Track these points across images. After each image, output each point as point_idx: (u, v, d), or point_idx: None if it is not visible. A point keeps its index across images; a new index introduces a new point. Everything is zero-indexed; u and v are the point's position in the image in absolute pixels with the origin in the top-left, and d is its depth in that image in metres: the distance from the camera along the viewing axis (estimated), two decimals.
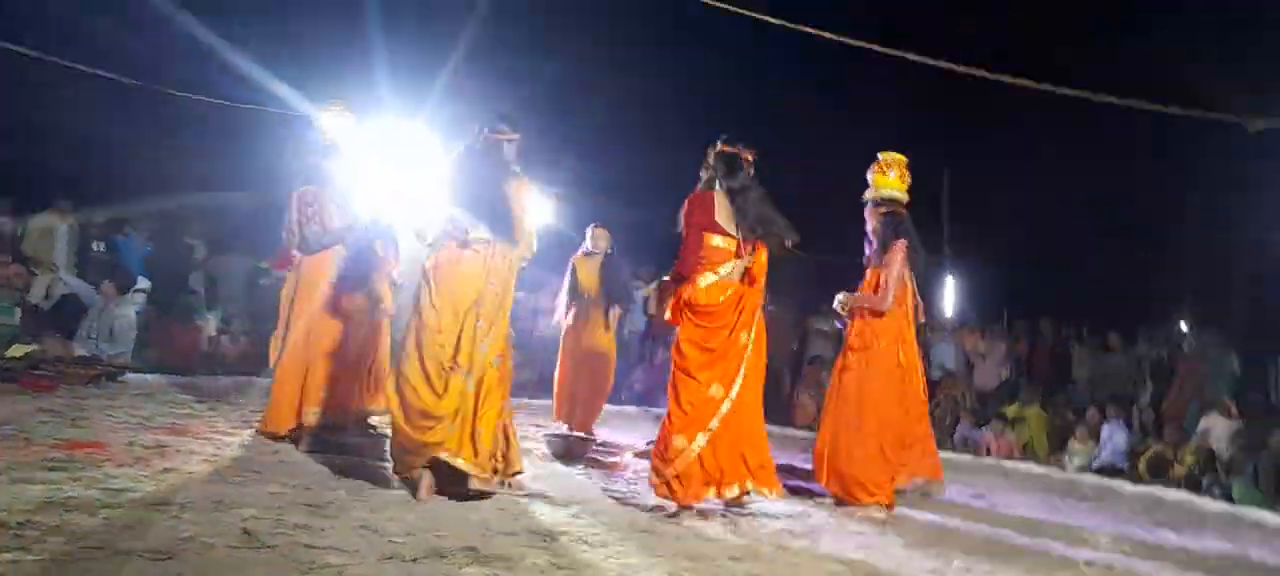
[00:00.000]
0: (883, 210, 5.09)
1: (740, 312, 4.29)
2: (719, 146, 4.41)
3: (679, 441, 4.18)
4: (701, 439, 4.18)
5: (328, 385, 5.07)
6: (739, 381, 4.26)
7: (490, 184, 4.13)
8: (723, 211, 4.32)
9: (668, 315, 4.41)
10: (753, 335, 4.33)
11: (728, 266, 4.29)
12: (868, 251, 5.18)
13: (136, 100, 8.44)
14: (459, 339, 3.99)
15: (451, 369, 3.95)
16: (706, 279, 4.27)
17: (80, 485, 3.52)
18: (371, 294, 5.38)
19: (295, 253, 5.25)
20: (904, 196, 5.15)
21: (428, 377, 3.94)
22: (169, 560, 2.70)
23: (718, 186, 4.37)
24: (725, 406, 4.21)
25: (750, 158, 4.39)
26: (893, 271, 4.93)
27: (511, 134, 4.22)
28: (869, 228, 5.19)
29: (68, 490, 3.42)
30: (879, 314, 4.95)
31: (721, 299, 4.27)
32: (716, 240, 4.32)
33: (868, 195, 5.19)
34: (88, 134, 8.98)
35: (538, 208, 4.26)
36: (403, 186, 5.59)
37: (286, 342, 5.10)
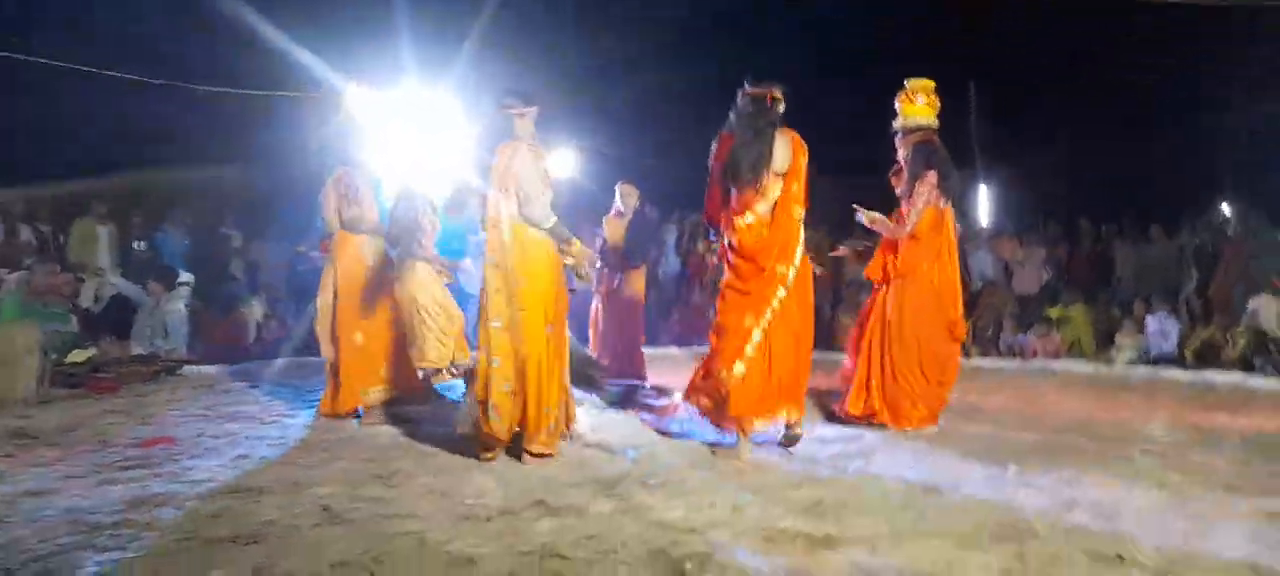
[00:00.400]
0: (913, 138, 5.04)
1: (781, 245, 4.29)
2: (746, 88, 4.35)
3: (720, 371, 4.24)
4: (739, 367, 4.21)
5: (381, 362, 5.18)
6: (771, 310, 4.26)
7: (522, 158, 4.13)
8: (732, 158, 4.29)
9: (714, 261, 4.46)
10: (795, 267, 4.32)
11: (764, 204, 4.28)
12: (898, 183, 5.15)
13: (154, 94, 8.51)
14: (488, 322, 4.05)
15: (489, 354, 4.02)
16: (745, 219, 4.28)
17: (161, 480, 3.68)
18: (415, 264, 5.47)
19: (330, 235, 5.32)
20: (934, 122, 5.08)
21: (504, 375, 4.01)
22: (257, 544, 2.83)
23: (740, 127, 4.33)
24: (757, 334, 4.23)
25: (778, 96, 4.31)
26: (919, 202, 4.92)
27: (522, 108, 4.17)
28: (899, 156, 5.14)
29: (152, 486, 3.58)
30: (898, 240, 4.96)
31: (761, 241, 4.27)
32: (741, 178, 4.28)
33: (897, 125, 5.13)
34: (109, 133, 9.07)
35: (541, 172, 4.17)
36: (429, 156, 5.63)
37: (337, 326, 5.20)
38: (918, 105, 5.04)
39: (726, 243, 4.35)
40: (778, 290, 4.27)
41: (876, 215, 5.05)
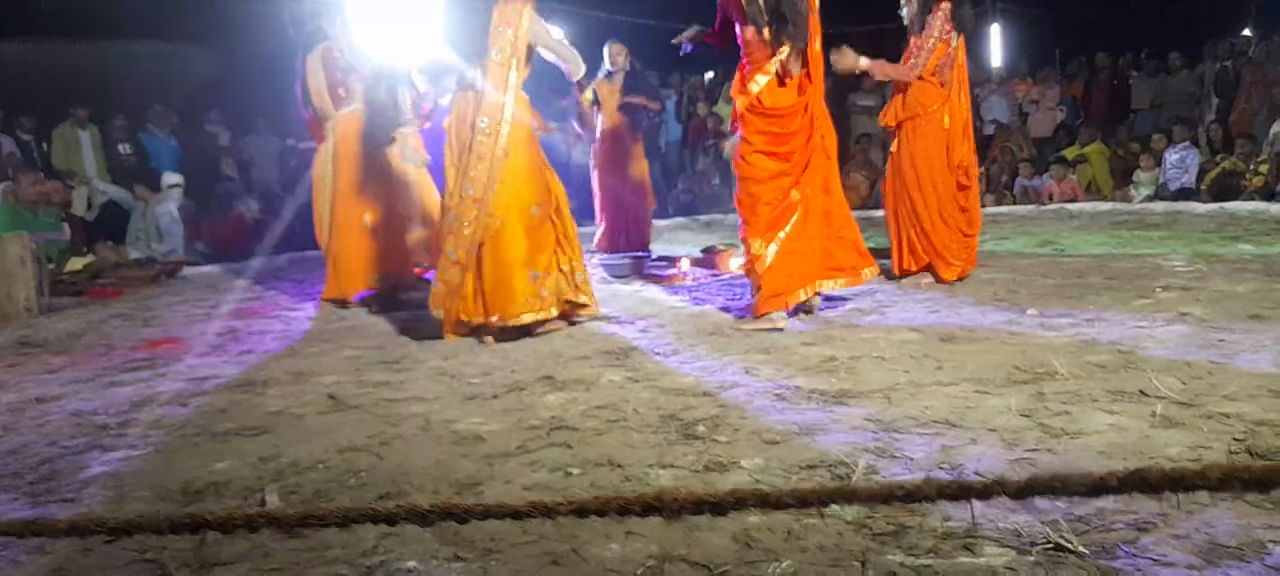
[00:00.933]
0: None
1: (810, 115, 3.96)
2: None
3: (757, 245, 3.99)
4: (773, 247, 3.97)
5: (382, 246, 5.09)
6: (811, 178, 3.99)
7: (484, 15, 3.88)
8: (753, 7, 3.88)
9: (727, 150, 4.20)
10: (821, 138, 4.02)
11: (776, 62, 3.90)
12: (907, 16, 4.83)
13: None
14: (457, 186, 3.86)
15: (458, 218, 3.85)
16: (760, 81, 3.91)
17: (167, 380, 3.64)
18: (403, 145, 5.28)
19: (326, 120, 5.11)
20: None
21: (450, 230, 3.87)
22: (265, 434, 2.79)
23: None
24: (796, 213, 3.96)
25: None
26: (930, 37, 4.64)
27: None
28: None
29: (158, 386, 3.54)
30: (908, 82, 4.71)
31: (788, 102, 3.93)
32: (753, 32, 3.93)
33: None
34: (76, 36, 8.72)
35: (544, 27, 3.94)
36: (407, 33, 5.34)
37: (334, 211, 5.08)
38: None
39: (748, 110, 3.97)
40: (811, 158, 3.97)
41: (880, 62, 4.76)
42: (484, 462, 2.41)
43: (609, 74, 6.57)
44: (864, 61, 4.64)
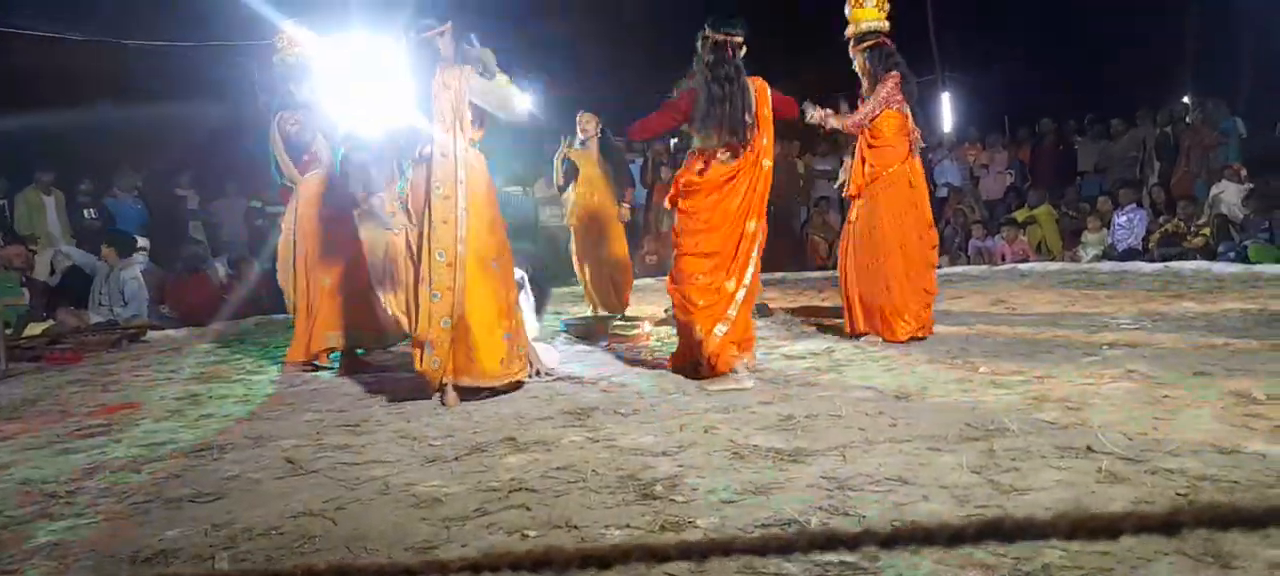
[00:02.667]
0: (867, 44, 4.93)
1: (747, 194, 4.15)
2: (706, 32, 4.13)
3: (698, 332, 4.12)
4: (721, 329, 4.12)
5: (345, 308, 5.08)
6: (750, 271, 4.18)
7: (424, 85, 3.96)
8: (696, 115, 4.13)
9: (666, 203, 4.35)
10: (760, 226, 4.21)
11: (726, 154, 4.14)
12: (861, 90, 5.05)
13: (87, 55, 8.14)
14: (421, 252, 3.92)
15: (418, 286, 3.91)
16: (706, 163, 4.16)
17: (122, 446, 3.59)
18: (374, 211, 5.34)
19: (291, 184, 5.17)
20: (885, 25, 4.96)
21: (410, 305, 3.93)
22: (219, 500, 2.76)
23: (703, 78, 4.13)
24: (741, 294, 4.15)
25: (739, 40, 4.11)
26: (879, 95, 4.84)
27: (440, 27, 4.00)
28: (856, 66, 5.03)
29: (111, 452, 3.49)
30: (865, 144, 4.89)
31: (723, 176, 4.14)
32: (710, 134, 4.15)
33: (849, 32, 5.01)
34: (46, 98, 8.68)
35: (477, 85, 4.03)
36: (378, 102, 5.43)
37: (297, 273, 5.09)
38: (867, 8, 4.91)
39: (682, 187, 4.20)
40: (752, 250, 4.17)
41: (824, 111, 4.93)
42: (441, 525, 2.41)
43: (582, 143, 6.73)
44: (824, 114, 4.88)
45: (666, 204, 4.37)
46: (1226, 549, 1.96)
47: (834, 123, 4.93)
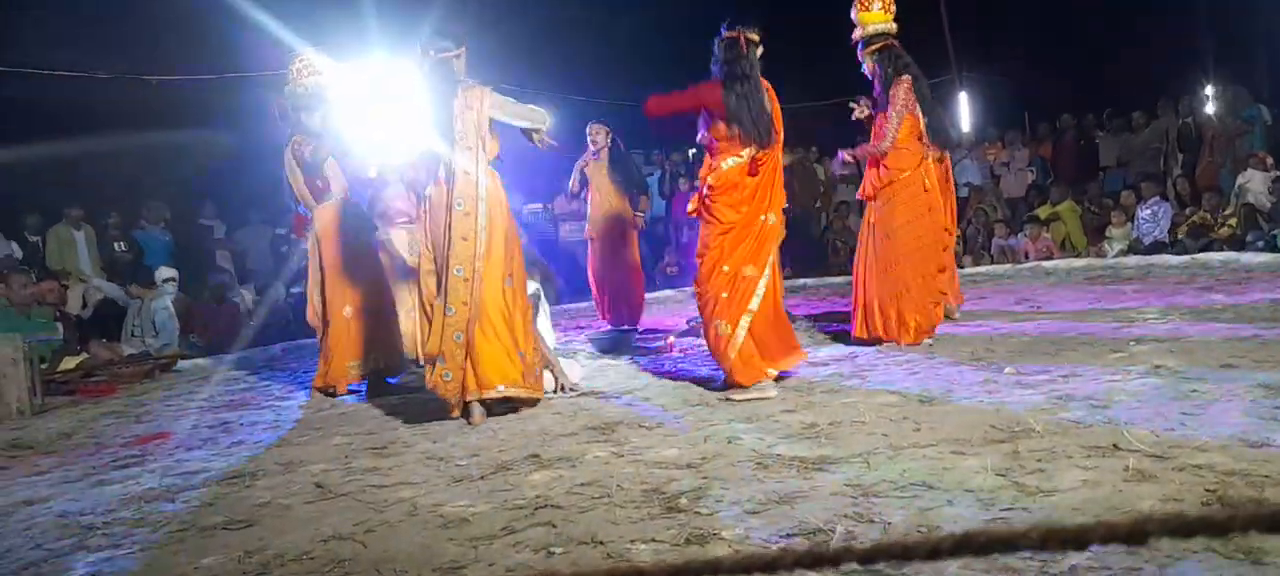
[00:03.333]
0: (876, 47, 4.93)
1: (767, 193, 4.16)
2: (723, 34, 4.17)
3: (723, 327, 4.09)
4: (744, 322, 4.08)
5: (367, 334, 5.15)
6: (771, 258, 4.16)
7: (444, 105, 4.02)
8: (725, 108, 4.12)
9: (692, 207, 4.31)
10: (776, 216, 4.20)
11: (747, 152, 4.12)
12: (875, 92, 5.06)
13: (113, 89, 8.30)
14: (436, 271, 3.98)
15: (434, 302, 3.97)
16: (730, 162, 4.13)
17: (155, 476, 3.66)
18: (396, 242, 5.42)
19: (308, 210, 5.24)
20: (893, 27, 4.96)
21: (421, 323, 4.02)
22: (251, 527, 2.81)
23: (725, 77, 4.15)
24: (761, 286, 4.10)
25: (755, 39, 4.14)
26: (896, 108, 4.84)
27: (456, 49, 4.06)
28: (866, 69, 5.03)
29: (145, 482, 3.56)
30: (885, 155, 4.89)
31: (744, 177, 4.14)
32: (730, 128, 4.14)
33: (856, 35, 5.02)
34: (72, 134, 8.86)
35: (497, 103, 4.08)
36: (398, 127, 5.50)
37: (326, 300, 5.15)
38: (874, 11, 4.93)
39: (708, 186, 4.19)
40: (771, 236, 4.16)
41: (850, 154, 5.01)
42: (469, 545, 2.43)
43: (594, 154, 6.78)
44: (848, 154, 5.02)
45: (691, 212, 4.35)
46: (1257, 545, 1.94)
47: (861, 154, 4.97)
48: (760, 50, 4.17)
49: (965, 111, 12.20)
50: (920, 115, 4.92)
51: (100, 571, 2.56)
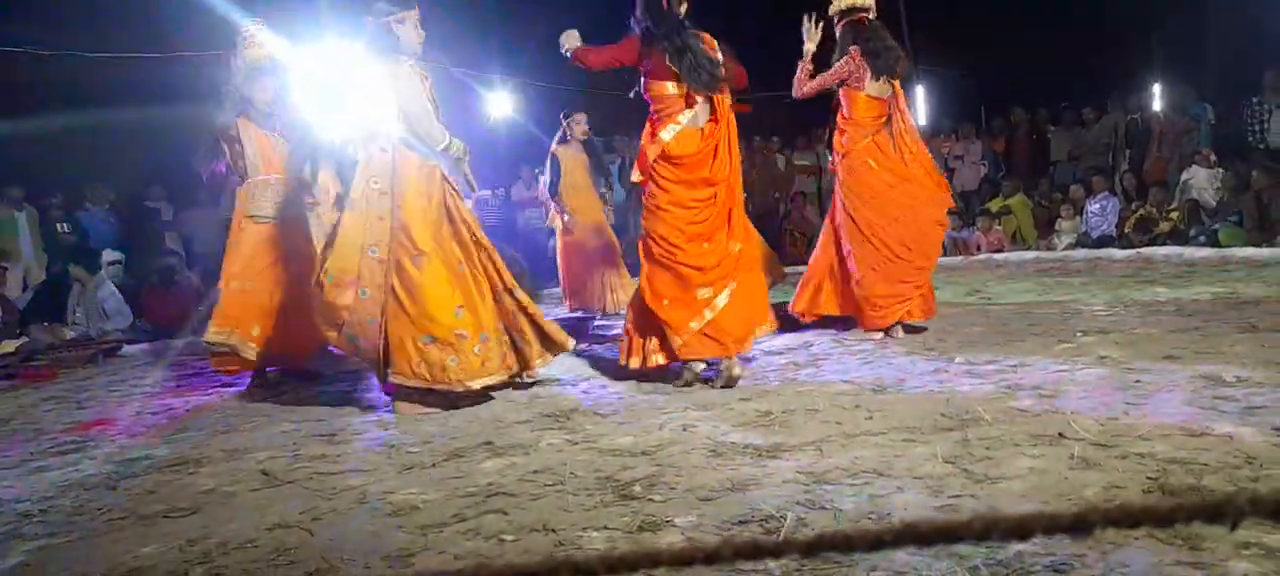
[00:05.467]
0: (846, 22, 4.94)
1: (731, 158, 4.01)
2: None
3: (671, 335, 3.97)
4: (695, 325, 3.97)
5: (284, 313, 4.89)
6: (731, 288, 4.00)
7: (376, 76, 3.86)
8: (671, 61, 3.94)
9: (636, 177, 4.17)
10: (730, 186, 4.04)
11: (687, 115, 4.01)
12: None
13: (53, 67, 8.00)
14: (352, 249, 3.83)
15: (381, 288, 3.82)
16: (670, 130, 3.97)
17: (95, 463, 3.55)
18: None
19: (241, 180, 5.03)
20: (868, 2, 4.95)
21: (375, 306, 3.84)
22: (194, 515, 2.74)
23: (659, 34, 3.96)
24: (718, 303, 3.96)
25: None
26: (832, 69, 4.83)
27: (401, 12, 3.87)
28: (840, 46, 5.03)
29: (85, 469, 3.45)
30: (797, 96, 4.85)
31: (695, 149, 3.98)
32: (670, 88, 3.99)
33: (832, 10, 5.01)
34: (11, 112, 8.52)
35: (426, 92, 3.96)
36: (344, 107, 5.36)
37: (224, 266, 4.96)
38: None
39: (657, 159, 4.02)
40: (730, 206, 4.00)
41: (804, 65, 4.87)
42: (418, 533, 2.40)
43: (563, 140, 6.72)
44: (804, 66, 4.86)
45: (634, 180, 4.20)
46: (1196, 532, 1.99)
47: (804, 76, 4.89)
48: (685, 6, 4.00)
49: (921, 105, 12.36)
50: (876, 93, 4.88)
51: (35, 560, 2.48)
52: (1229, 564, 1.84)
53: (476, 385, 3.87)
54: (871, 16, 4.91)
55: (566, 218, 6.62)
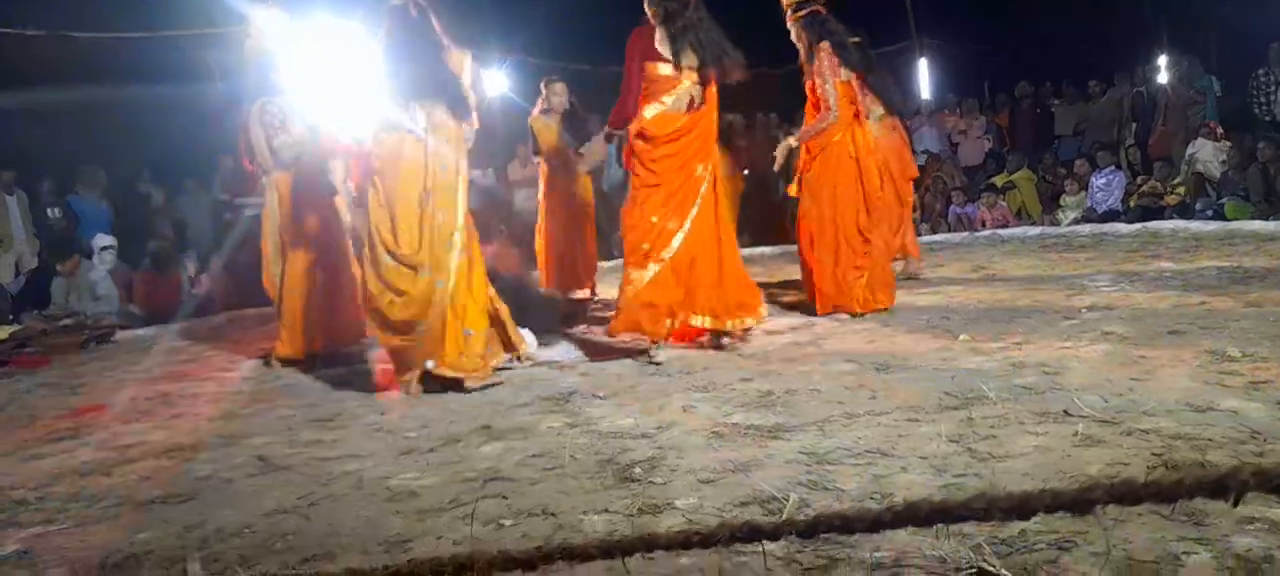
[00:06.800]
0: (802, 13, 4.88)
1: (696, 144, 4.11)
2: None
3: (634, 275, 4.09)
4: (652, 269, 4.06)
5: (330, 305, 4.98)
6: (694, 210, 4.08)
7: (432, 60, 3.88)
8: (664, 41, 4.08)
9: (621, 160, 4.30)
10: (710, 169, 4.15)
11: (672, 96, 4.08)
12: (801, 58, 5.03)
13: (42, 46, 7.91)
14: (419, 236, 3.82)
15: (415, 269, 3.80)
16: (653, 109, 4.08)
17: (90, 449, 3.52)
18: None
19: (265, 175, 5.03)
20: None
21: (389, 285, 3.81)
22: (191, 501, 2.71)
23: (660, 19, 4.10)
24: (678, 238, 4.06)
25: None
26: (821, 76, 4.80)
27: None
28: (792, 35, 4.98)
29: (80, 456, 3.42)
30: (831, 127, 4.85)
31: (673, 129, 4.08)
32: (663, 68, 4.08)
33: (785, 2, 4.96)
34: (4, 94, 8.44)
35: (477, 79, 4.00)
36: (344, 90, 5.30)
37: (286, 267, 4.97)
38: None
39: (635, 136, 4.10)
40: (699, 189, 4.10)
41: (788, 140, 4.97)
42: (416, 518, 2.37)
43: (545, 111, 6.46)
44: (792, 140, 4.97)
45: (624, 164, 4.33)
46: (1199, 507, 1.96)
47: (805, 136, 4.93)
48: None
49: (925, 79, 12.25)
50: (850, 79, 4.89)
51: (31, 547, 2.45)
52: (1232, 538, 1.81)
53: (475, 376, 3.91)
54: (825, 7, 4.90)
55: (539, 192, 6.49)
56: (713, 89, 4.15)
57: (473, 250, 4.00)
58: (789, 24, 4.96)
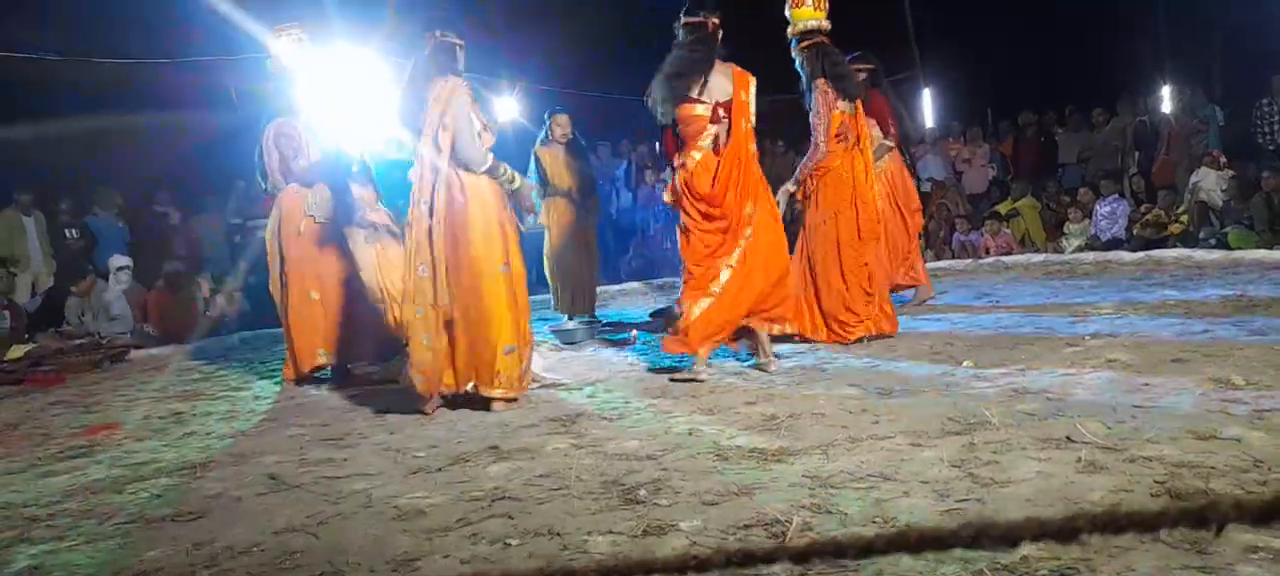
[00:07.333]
0: (805, 45, 4.96)
1: (740, 186, 4.26)
2: (683, 19, 4.32)
3: (687, 305, 4.29)
4: (704, 303, 4.24)
5: (332, 321, 5.04)
6: (741, 246, 4.28)
7: (423, 93, 3.95)
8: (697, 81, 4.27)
9: (667, 198, 4.50)
10: (756, 205, 4.30)
11: (707, 137, 4.26)
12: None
13: (64, 70, 8.04)
14: (434, 275, 3.90)
15: (433, 306, 3.89)
16: (694, 157, 4.27)
17: (102, 466, 3.56)
18: (361, 223, 5.31)
19: (273, 193, 5.11)
20: (824, 24, 4.99)
21: (427, 325, 3.90)
22: (200, 519, 2.75)
23: (675, 55, 4.30)
24: (725, 274, 4.26)
25: (716, 23, 4.29)
26: (818, 115, 4.89)
27: (458, 39, 4.02)
28: (798, 64, 5.06)
29: (92, 474, 3.46)
30: (823, 161, 4.94)
31: (707, 190, 4.26)
32: (697, 110, 4.26)
33: (789, 32, 5.05)
34: (20, 116, 8.55)
35: (474, 113, 4.02)
36: (359, 115, 5.39)
37: (287, 286, 5.03)
38: (805, 7, 4.94)
39: (679, 184, 4.33)
40: (744, 231, 4.26)
41: (787, 186, 5.03)
42: (423, 537, 2.40)
43: (545, 141, 6.61)
44: (790, 186, 5.04)
45: (666, 198, 4.54)
46: (1203, 536, 1.97)
47: (803, 176, 5.02)
48: (721, 34, 4.34)
49: (928, 107, 12.33)
50: (843, 109, 4.95)
51: (43, 564, 2.49)
52: (1237, 568, 1.83)
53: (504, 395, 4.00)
54: (828, 37, 4.99)
55: (529, 219, 6.56)
56: (742, 124, 4.28)
57: (514, 268, 4.04)
58: (794, 54, 5.04)
